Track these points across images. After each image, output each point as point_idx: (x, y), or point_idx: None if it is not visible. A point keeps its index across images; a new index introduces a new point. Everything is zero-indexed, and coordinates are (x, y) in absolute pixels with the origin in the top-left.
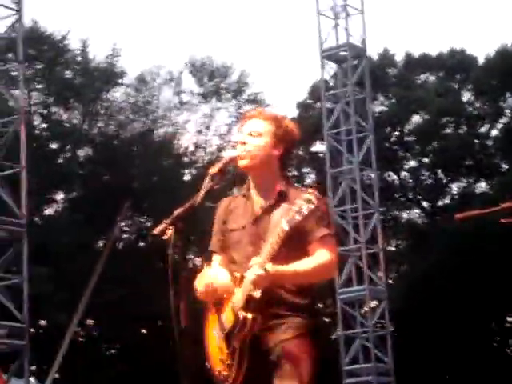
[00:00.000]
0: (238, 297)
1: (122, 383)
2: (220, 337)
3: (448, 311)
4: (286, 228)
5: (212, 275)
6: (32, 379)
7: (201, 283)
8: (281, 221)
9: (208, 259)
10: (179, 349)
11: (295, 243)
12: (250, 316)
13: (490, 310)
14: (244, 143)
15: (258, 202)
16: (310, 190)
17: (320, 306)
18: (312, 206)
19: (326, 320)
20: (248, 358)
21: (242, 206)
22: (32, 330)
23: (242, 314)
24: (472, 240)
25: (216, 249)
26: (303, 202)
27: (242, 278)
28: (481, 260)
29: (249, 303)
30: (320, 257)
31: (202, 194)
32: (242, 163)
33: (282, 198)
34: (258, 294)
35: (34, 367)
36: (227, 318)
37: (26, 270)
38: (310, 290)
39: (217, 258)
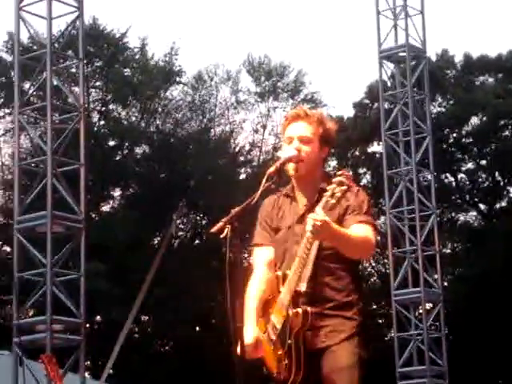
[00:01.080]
0: (284, 295)
1: (175, 380)
2: (272, 339)
3: (503, 315)
4: (321, 217)
5: (251, 342)
6: (87, 374)
7: (248, 339)
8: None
9: (250, 254)
10: (234, 347)
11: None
12: (300, 310)
13: None
14: (298, 150)
15: (303, 201)
16: (339, 172)
17: (374, 306)
18: (344, 187)
19: (380, 321)
20: (304, 354)
21: (286, 206)
22: (87, 325)
23: (291, 310)
24: None
25: (259, 241)
26: (335, 186)
27: (285, 276)
28: None
29: (295, 298)
30: (366, 233)
31: (258, 193)
32: (298, 172)
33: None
34: (303, 287)
35: (88, 363)
36: (277, 318)
37: (84, 265)
38: (355, 288)
39: (260, 254)
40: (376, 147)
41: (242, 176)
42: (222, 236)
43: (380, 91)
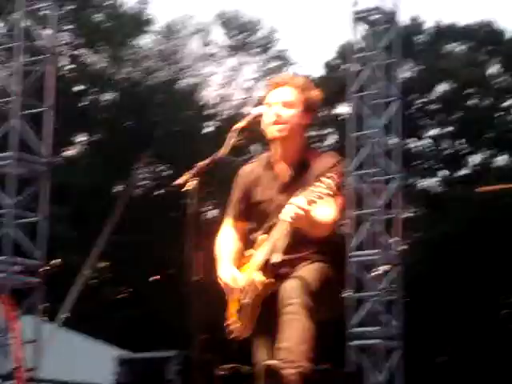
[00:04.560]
0: (257, 259)
1: (131, 327)
2: (236, 292)
3: (459, 280)
4: (304, 206)
5: (226, 277)
6: (43, 317)
7: (221, 274)
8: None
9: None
10: (191, 299)
11: None
12: (263, 280)
13: (500, 282)
14: (279, 115)
15: (284, 172)
16: (330, 163)
17: None
18: (331, 193)
19: None
20: (257, 315)
21: (265, 176)
22: (46, 268)
23: (256, 276)
24: (488, 211)
25: (231, 213)
26: (323, 186)
27: (263, 241)
28: (495, 232)
29: (266, 266)
30: (330, 212)
31: (225, 148)
32: (277, 134)
33: (305, 167)
34: (278, 258)
35: (45, 305)
36: (245, 276)
37: (47, 208)
38: (335, 250)
39: (229, 223)
40: (343, 108)
41: (209, 129)
42: (186, 189)
43: (351, 52)
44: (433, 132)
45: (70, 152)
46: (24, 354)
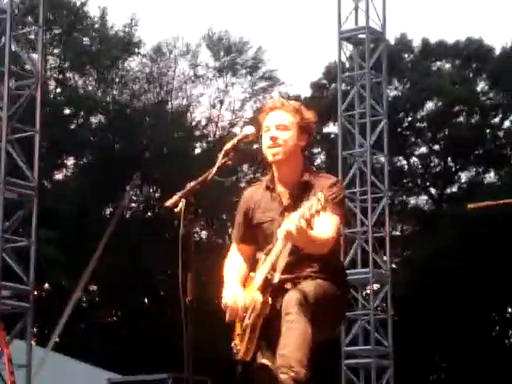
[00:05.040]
0: (257, 279)
1: (122, 350)
2: (241, 311)
3: (450, 299)
4: (297, 222)
5: (230, 299)
6: (33, 342)
7: (223, 295)
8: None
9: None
10: (184, 321)
11: None
12: (260, 299)
13: (491, 300)
14: (275, 138)
15: (285, 193)
16: (330, 182)
17: None
18: (320, 207)
19: None
20: (258, 336)
21: (267, 198)
22: (36, 292)
23: (256, 295)
24: (477, 229)
25: (236, 238)
26: (315, 201)
27: (263, 261)
28: (485, 249)
29: (265, 286)
30: (328, 230)
31: (214, 169)
32: (276, 159)
33: (307, 188)
34: (276, 278)
35: (35, 330)
36: (247, 296)
37: (35, 232)
38: (337, 270)
39: (234, 247)
40: (332, 128)
41: (198, 150)
42: (175, 210)
43: (338, 72)
44: (421, 150)
45: (59, 175)
46: (15, 379)
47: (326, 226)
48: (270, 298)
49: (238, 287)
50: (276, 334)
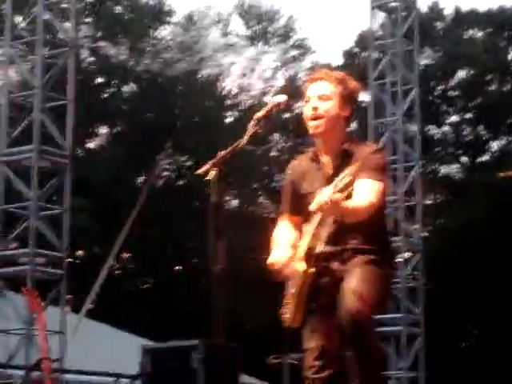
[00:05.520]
0: (301, 249)
1: (155, 317)
2: (285, 276)
3: (481, 268)
4: (329, 195)
5: (276, 259)
6: (67, 308)
7: (272, 258)
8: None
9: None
10: (214, 289)
11: None
12: (305, 267)
13: None
14: (316, 108)
15: (328, 163)
16: (371, 150)
17: None
18: (350, 178)
19: None
20: (304, 305)
21: (312, 169)
22: (69, 260)
23: (299, 265)
24: (509, 197)
25: (285, 209)
26: (349, 172)
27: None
28: None
29: (308, 255)
30: (368, 196)
31: (246, 137)
32: (317, 131)
33: (348, 157)
34: (318, 248)
35: (69, 297)
36: (294, 265)
37: (69, 201)
38: (383, 235)
39: (284, 218)
40: (363, 96)
41: (229, 119)
42: (207, 178)
43: (370, 40)
44: (453, 119)
45: (92, 144)
46: (49, 345)
47: (366, 192)
48: (312, 269)
49: (283, 250)
50: (319, 306)
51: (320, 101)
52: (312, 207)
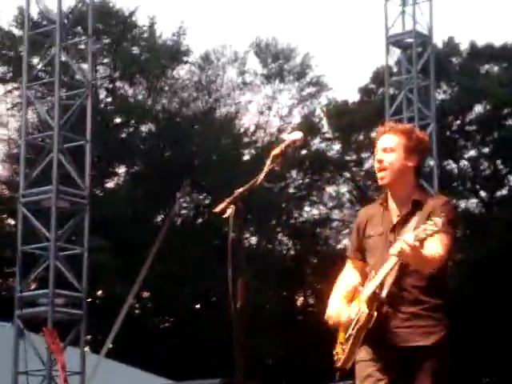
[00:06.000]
0: (365, 293)
1: (174, 357)
2: (343, 324)
3: (500, 303)
4: (411, 242)
5: (335, 313)
6: (87, 349)
7: (331, 312)
8: (411, 232)
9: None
10: (235, 327)
11: None
12: (366, 311)
13: None
14: (380, 161)
15: (395, 211)
16: (442, 201)
17: None
18: (436, 229)
19: None
20: (359, 346)
21: (379, 214)
22: (89, 300)
23: (361, 307)
24: None
25: (351, 255)
26: (431, 224)
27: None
28: None
29: (371, 300)
30: (438, 248)
31: (263, 174)
32: (382, 182)
33: (418, 206)
34: (384, 292)
35: (89, 337)
36: (354, 308)
37: (87, 240)
38: (444, 290)
39: (349, 263)
40: None
41: (246, 157)
42: (224, 216)
43: (386, 76)
44: (471, 153)
45: (111, 184)
46: None
47: (437, 245)
48: (375, 313)
49: (342, 302)
50: (379, 353)
51: (384, 153)
52: (392, 252)
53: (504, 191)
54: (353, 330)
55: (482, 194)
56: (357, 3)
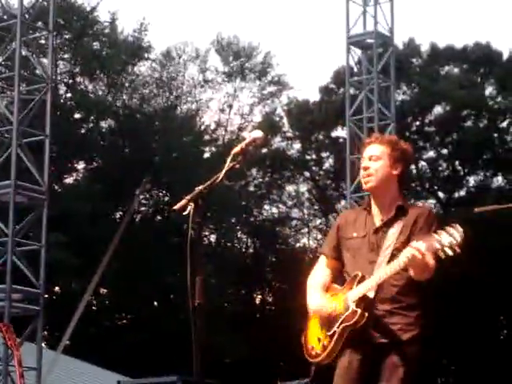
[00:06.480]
0: (355, 292)
1: (132, 353)
2: (324, 318)
3: (457, 303)
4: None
5: (316, 307)
6: (44, 345)
7: (311, 304)
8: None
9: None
10: (193, 324)
11: None
12: (359, 311)
13: (499, 303)
14: (366, 168)
15: (379, 216)
16: (427, 211)
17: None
18: (454, 242)
19: None
20: (345, 345)
21: (363, 218)
22: (46, 295)
23: (352, 306)
24: (484, 233)
25: (326, 252)
26: (446, 238)
27: (363, 277)
28: (492, 253)
29: (362, 300)
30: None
31: (223, 172)
32: (367, 186)
33: (402, 212)
34: (372, 294)
35: (46, 333)
36: (338, 305)
37: (45, 236)
38: (421, 290)
39: (323, 260)
40: (340, 132)
41: (207, 155)
42: (184, 213)
43: (347, 76)
44: (429, 154)
45: (70, 179)
46: (26, 381)
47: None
48: (366, 313)
49: (323, 296)
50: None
51: (370, 161)
52: (402, 256)
53: (462, 192)
54: (338, 327)
55: (441, 194)
56: (318, 3)
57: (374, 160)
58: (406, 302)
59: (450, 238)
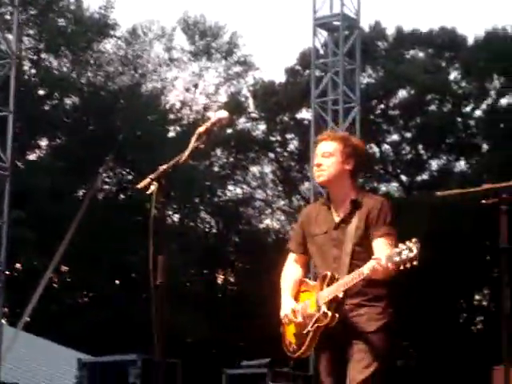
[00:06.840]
0: (325, 294)
1: (93, 331)
2: (302, 316)
3: (417, 286)
4: (384, 264)
5: (287, 311)
6: (4, 321)
7: (283, 308)
8: (357, 229)
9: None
10: (155, 304)
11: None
12: (330, 313)
13: (458, 287)
14: (319, 164)
15: (336, 211)
16: (379, 203)
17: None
18: (411, 255)
19: None
20: (319, 342)
21: (323, 213)
22: (7, 272)
23: (324, 308)
24: (446, 217)
25: (294, 248)
26: (405, 250)
27: (332, 279)
28: (453, 237)
29: (332, 302)
30: (387, 253)
31: (187, 152)
32: (319, 180)
33: (356, 206)
34: (341, 294)
35: (6, 310)
36: (311, 305)
37: (7, 213)
38: (385, 281)
39: (292, 256)
40: (305, 114)
41: (171, 134)
42: (147, 192)
43: (312, 58)
44: (393, 137)
45: (33, 156)
46: None
47: (386, 250)
48: (337, 314)
49: (293, 301)
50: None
51: (323, 158)
52: (366, 270)
53: (424, 176)
54: (311, 327)
55: (403, 178)
56: None
57: (327, 156)
58: (372, 294)
59: (409, 252)
